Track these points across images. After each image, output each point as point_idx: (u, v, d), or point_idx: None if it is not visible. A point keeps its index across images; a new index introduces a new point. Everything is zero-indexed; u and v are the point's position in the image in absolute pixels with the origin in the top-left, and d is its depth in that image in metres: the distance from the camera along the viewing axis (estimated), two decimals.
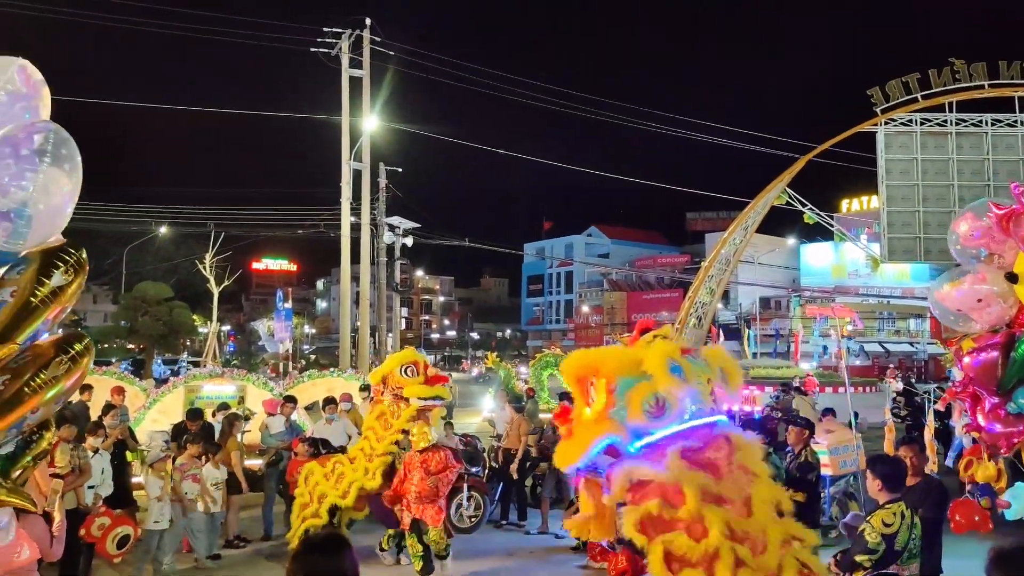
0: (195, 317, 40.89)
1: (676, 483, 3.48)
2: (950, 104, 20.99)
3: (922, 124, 21.37)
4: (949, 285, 6.36)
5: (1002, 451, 5.98)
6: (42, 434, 4.40)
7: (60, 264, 4.14)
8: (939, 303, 6.45)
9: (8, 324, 3.97)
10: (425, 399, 8.82)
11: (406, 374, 8.93)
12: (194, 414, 11.34)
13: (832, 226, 26.37)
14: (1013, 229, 5.79)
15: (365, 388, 13.90)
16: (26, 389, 3.98)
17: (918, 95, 20.82)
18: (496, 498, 11.58)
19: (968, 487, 8.56)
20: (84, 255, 4.32)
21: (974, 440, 9.49)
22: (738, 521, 3.48)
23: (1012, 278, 5.89)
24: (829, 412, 13.27)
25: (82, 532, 7.68)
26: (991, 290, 6.03)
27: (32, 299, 4.01)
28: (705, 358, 3.90)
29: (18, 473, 4.27)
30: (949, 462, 12.66)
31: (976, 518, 6.86)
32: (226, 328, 54.20)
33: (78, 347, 4.29)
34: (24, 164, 3.91)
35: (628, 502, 3.58)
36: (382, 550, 9.30)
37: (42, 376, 4.04)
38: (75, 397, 11.93)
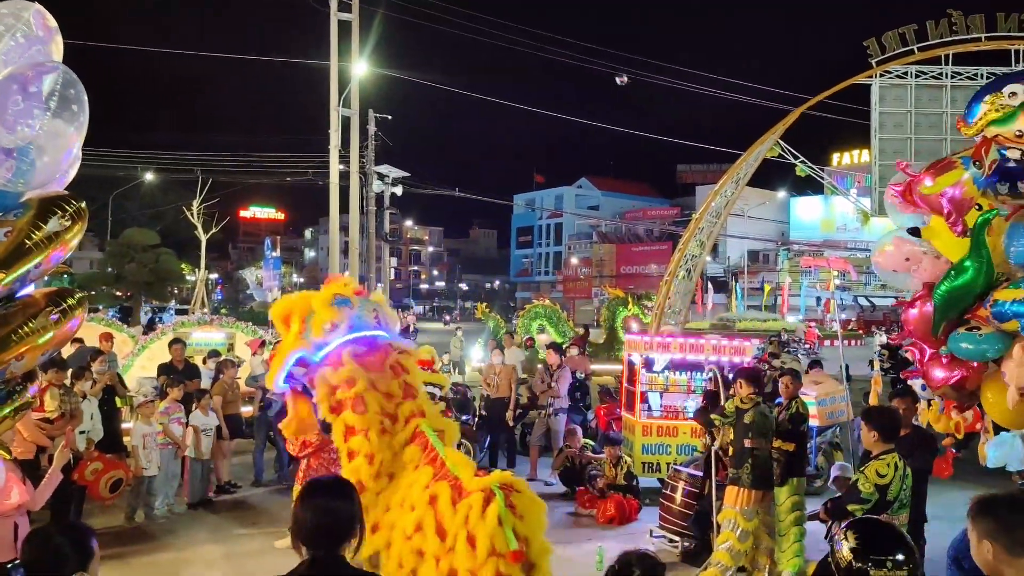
0: (183, 265, 40.62)
1: (349, 374, 4.86)
2: (946, 57, 20.77)
3: (917, 77, 21.16)
4: (886, 246, 6.58)
5: (936, 389, 6.28)
6: (25, 386, 4.38)
7: (58, 211, 4.11)
8: (877, 264, 6.74)
9: None
10: None
11: None
12: (176, 341, 11.41)
13: (823, 179, 26.29)
14: (915, 198, 6.04)
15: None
16: (13, 337, 3.96)
17: (914, 47, 20.54)
18: (485, 446, 11.69)
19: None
20: (84, 205, 4.28)
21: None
22: (384, 402, 4.90)
23: (914, 232, 6.26)
24: (816, 364, 13.39)
25: (75, 476, 7.72)
26: (917, 249, 6.24)
27: (27, 241, 3.99)
28: (372, 298, 5.49)
29: None
30: None
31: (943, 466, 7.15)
32: (214, 276, 53.91)
33: (71, 301, 4.28)
34: (32, 102, 3.89)
35: (327, 398, 4.95)
36: None
37: (30, 325, 4.03)
38: (66, 350, 11.93)
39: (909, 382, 10.60)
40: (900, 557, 2.39)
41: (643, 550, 2.77)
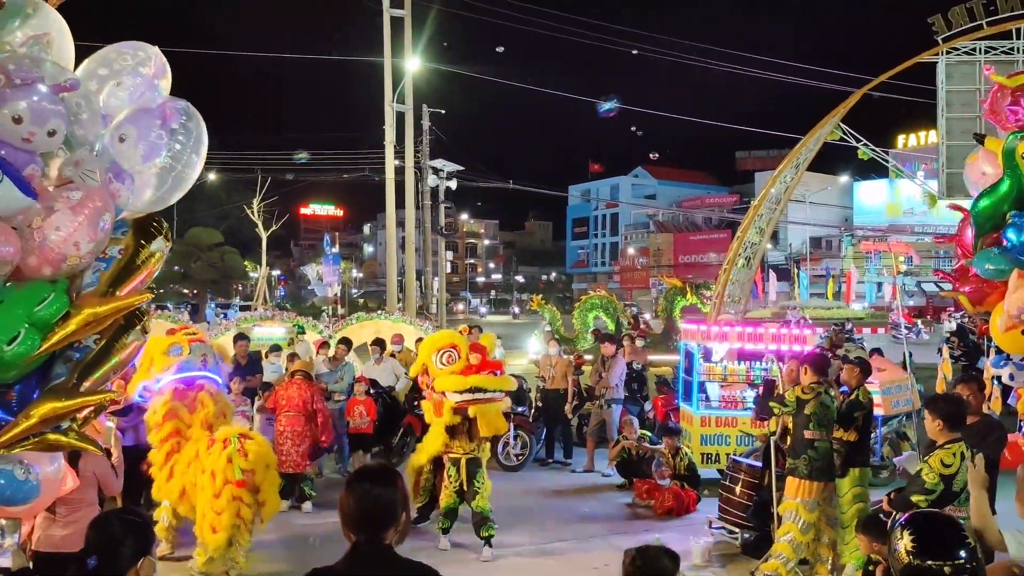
0: (246, 262, 41.62)
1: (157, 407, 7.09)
2: (1018, 31, 19.89)
3: (986, 53, 20.33)
4: (973, 157, 6.84)
5: (955, 289, 6.59)
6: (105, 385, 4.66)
7: (154, 232, 4.41)
8: (966, 175, 7.08)
9: (115, 279, 4.24)
10: (462, 393, 7.37)
11: (443, 363, 7.52)
12: (240, 336, 11.67)
13: (887, 162, 25.50)
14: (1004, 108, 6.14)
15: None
16: (111, 349, 4.28)
17: (983, 21, 19.64)
18: (542, 438, 11.69)
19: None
20: (166, 226, 4.59)
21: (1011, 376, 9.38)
22: (181, 424, 7.02)
23: (979, 139, 6.49)
24: (876, 352, 13.01)
25: (145, 466, 7.97)
26: (995, 169, 6.26)
27: (136, 259, 4.30)
28: (210, 344, 7.80)
29: (81, 420, 4.52)
30: None
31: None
32: (276, 273, 55.08)
33: (147, 320, 4.61)
34: (168, 137, 4.25)
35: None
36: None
37: (124, 339, 4.34)
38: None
39: (980, 365, 10.24)
40: (962, 555, 2.31)
41: (655, 545, 2.84)
